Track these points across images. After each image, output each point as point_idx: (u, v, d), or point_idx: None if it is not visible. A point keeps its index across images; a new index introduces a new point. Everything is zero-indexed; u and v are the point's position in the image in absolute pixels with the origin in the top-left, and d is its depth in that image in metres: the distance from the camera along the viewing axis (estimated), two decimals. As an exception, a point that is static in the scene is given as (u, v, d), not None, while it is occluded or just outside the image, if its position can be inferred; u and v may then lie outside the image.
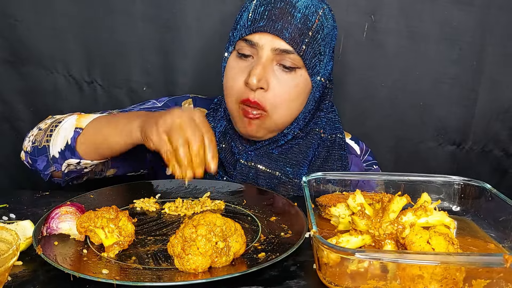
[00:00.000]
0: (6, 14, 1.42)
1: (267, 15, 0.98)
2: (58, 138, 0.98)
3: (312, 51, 1.00)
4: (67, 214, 0.76)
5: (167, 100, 1.20)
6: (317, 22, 1.00)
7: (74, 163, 0.98)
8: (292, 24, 0.97)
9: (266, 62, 0.98)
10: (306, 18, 0.98)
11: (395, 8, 1.38)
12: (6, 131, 1.53)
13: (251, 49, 1.00)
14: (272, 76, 0.99)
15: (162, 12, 1.41)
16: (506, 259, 0.58)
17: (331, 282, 0.64)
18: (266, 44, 0.98)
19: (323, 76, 1.04)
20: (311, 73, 1.01)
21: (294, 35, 0.97)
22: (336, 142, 1.12)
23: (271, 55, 0.98)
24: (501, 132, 1.46)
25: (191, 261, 0.65)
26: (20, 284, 0.64)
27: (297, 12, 0.98)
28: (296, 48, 0.97)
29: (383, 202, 0.73)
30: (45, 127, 1.03)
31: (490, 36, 1.38)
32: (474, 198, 0.85)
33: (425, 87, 1.44)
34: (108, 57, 1.46)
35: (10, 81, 1.49)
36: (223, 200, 0.92)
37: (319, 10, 1.01)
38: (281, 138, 1.07)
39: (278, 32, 0.96)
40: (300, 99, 1.03)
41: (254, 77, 0.96)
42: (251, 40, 0.99)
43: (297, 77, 1.00)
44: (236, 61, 1.03)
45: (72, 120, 1.00)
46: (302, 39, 0.98)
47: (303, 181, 0.84)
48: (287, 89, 1.00)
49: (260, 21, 0.98)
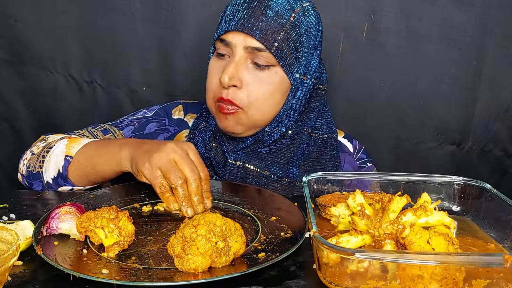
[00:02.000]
0: (5, 14, 1.42)
1: (241, 14, 0.99)
2: (50, 165, 1.00)
3: (287, 48, 1.00)
4: (67, 214, 0.76)
5: (157, 109, 1.21)
6: (291, 19, 1.00)
7: (67, 190, 1.01)
8: (263, 22, 0.98)
9: (239, 61, 1.00)
10: (279, 16, 0.99)
11: (395, 8, 1.38)
12: (6, 131, 1.54)
13: (226, 48, 1.02)
14: (245, 73, 1.00)
15: (162, 12, 1.41)
16: (506, 259, 0.58)
17: (331, 282, 0.64)
18: (238, 43, 0.99)
19: (305, 74, 1.04)
20: (287, 71, 1.01)
21: (266, 33, 0.98)
22: (328, 142, 1.13)
23: (244, 54, 1.00)
24: (501, 132, 1.46)
25: (191, 261, 0.65)
26: (20, 284, 0.64)
27: (270, 11, 0.99)
28: (267, 46, 0.98)
29: (383, 202, 0.73)
30: (37, 152, 1.03)
31: (490, 36, 1.39)
32: (474, 198, 0.85)
33: (425, 87, 1.44)
34: (108, 57, 1.46)
35: (10, 81, 1.49)
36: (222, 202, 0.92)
37: (296, 7, 1.01)
38: (266, 137, 1.07)
39: (249, 30, 0.98)
40: (276, 96, 1.03)
41: (226, 75, 0.99)
42: (225, 39, 1.01)
43: (271, 75, 1.01)
44: (214, 61, 1.05)
45: (62, 146, 1.01)
46: (274, 37, 0.98)
47: (303, 181, 0.84)
48: (261, 86, 1.01)
49: (233, 20, 1.00)
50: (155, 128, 1.17)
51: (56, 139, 1.05)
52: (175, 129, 1.18)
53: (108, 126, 1.15)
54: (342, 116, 1.46)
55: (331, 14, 1.38)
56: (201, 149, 1.10)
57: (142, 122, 1.17)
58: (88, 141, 1.02)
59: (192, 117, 1.20)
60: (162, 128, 1.17)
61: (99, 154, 0.97)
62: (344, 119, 1.47)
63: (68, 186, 1.00)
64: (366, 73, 1.44)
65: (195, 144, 1.11)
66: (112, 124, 1.16)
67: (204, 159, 1.08)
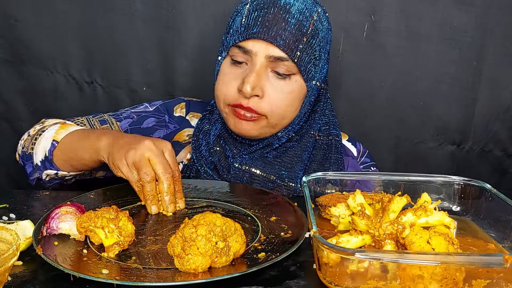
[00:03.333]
0: (6, 14, 1.42)
1: (261, 21, 0.96)
2: (39, 148, 1.01)
3: (307, 56, 0.99)
4: (67, 214, 0.76)
5: (159, 104, 1.19)
6: (311, 27, 0.98)
7: (53, 174, 1.01)
8: (286, 30, 0.95)
9: (260, 69, 0.97)
10: (301, 24, 0.97)
11: (395, 8, 1.38)
12: (6, 131, 1.53)
13: (244, 55, 0.99)
14: (266, 83, 0.98)
15: (162, 12, 1.41)
16: (506, 259, 0.58)
17: (331, 282, 0.64)
18: (260, 51, 0.96)
19: (319, 80, 1.04)
20: (306, 78, 1.00)
21: (289, 42, 0.96)
22: (332, 145, 1.12)
23: (265, 62, 0.97)
24: (501, 132, 1.46)
25: (191, 261, 0.65)
26: (20, 284, 0.64)
27: (291, 18, 0.96)
28: (290, 55, 0.96)
29: (383, 202, 0.73)
30: (33, 133, 1.05)
31: (490, 36, 1.39)
32: (474, 198, 0.85)
33: (425, 87, 1.44)
34: (108, 57, 1.46)
35: (10, 81, 1.49)
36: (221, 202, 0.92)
37: (314, 14, 1.00)
38: (275, 141, 1.06)
39: (272, 39, 0.95)
40: (296, 104, 1.02)
41: (248, 85, 0.96)
42: (245, 47, 0.98)
43: (292, 83, 0.99)
44: (229, 67, 1.02)
45: (53, 131, 1.01)
46: (297, 46, 0.96)
47: (303, 181, 0.84)
48: (282, 95, 0.99)
49: (253, 27, 0.96)
50: (153, 123, 1.15)
51: (51, 123, 1.06)
52: (175, 126, 1.17)
53: (107, 116, 1.14)
54: (342, 116, 1.46)
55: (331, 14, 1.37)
56: (205, 153, 1.09)
57: (140, 116, 1.16)
58: (76, 128, 1.02)
59: (194, 116, 1.18)
60: (160, 124, 1.16)
61: (81, 141, 0.97)
62: (344, 119, 1.47)
63: (53, 170, 1.01)
64: (366, 73, 1.44)
65: (199, 147, 1.10)
66: (111, 115, 1.15)
67: (208, 162, 1.07)
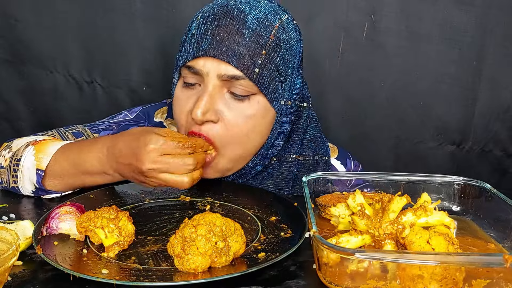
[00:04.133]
0: (6, 14, 1.42)
1: (210, 35, 0.85)
2: (24, 181, 0.91)
3: (269, 73, 0.87)
4: (67, 214, 0.76)
5: (139, 110, 1.11)
6: (272, 38, 0.87)
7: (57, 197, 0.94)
8: (240, 44, 0.84)
9: (213, 91, 0.86)
10: (258, 35, 0.85)
11: (395, 8, 1.38)
12: (6, 131, 1.54)
13: (195, 76, 0.88)
14: (222, 105, 0.87)
15: (162, 12, 1.41)
16: (506, 259, 0.57)
17: (331, 282, 0.64)
18: (211, 71, 0.85)
19: (289, 99, 0.92)
20: (271, 98, 0.89)
21: (243, 57, 0.84)
22: (319, 165, 1.02)
23: (218, 83, 0.86)
24: (501, 132, 1.46)
25: (191, 261, 0.65)
26: (20, 284, 0.64)
27: (246, 29, 0.85)
28: (246, 73, 0.85)
29: (383, 202, 0.73)
30: (6, 165, 0.93)
31: (490, 36, 1.39)
32: (474, 198, 0.85)
33: (425, 87, 1.44)
34: (108, 57, 1.46)
35: (10, 81, 1.49)
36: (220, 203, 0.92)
37: (276, 22, 0.88)
38: (249, 172, 0.97)
39: (223, 55, 0.84)
40: (260, 129, 0.91)
41: (199, 110, 0.85)
42: (194, 67, 0.87)
43: (253, 105, 0.88)
44: (181, 90, 0.91)
45: (31, 157, 0.90)
46: (254, 61, 0.85)
47: (303, 181, 0.84)
48: (241, 120, 0.87)
49: (202, 43, 0.86)
50: None
51: (21, 146, 0.93)
52: None
53: (82, 128, 1.05)
54: (342, 116, 1.46)
55: (331, 14, 1.38)
56: None
57: (121, 126, 1.06)
58: (55, 147, 0.90)
59: (171, 122, 1.08)
60: None
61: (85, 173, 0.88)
62: (344, 119, 1.47)
63: (54, 194, 0.93)
64: (366, 73, 1.44)
65: None
66: (87, 126, 1.06)
67: None
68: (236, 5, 0.88)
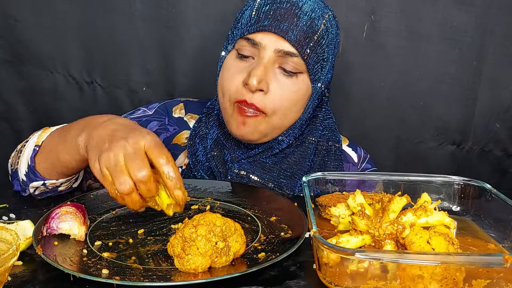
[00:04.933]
0: (6, 14, 1.42)
1: (272, 14, 0.94)
2: (23, 160, 0.90)
3: (316, 56, 0.97)
4: (67, 214, 0.76)
5: (157, 106, 1.15)
6: (322, 27, 0.97)
7: (40, 185, 0.90)
8: (298, 26, 0.94)
9: (267, 64, 0.95)
10: (312, 22, 0.95)
11: (395, 8, 1.39)
12: (6, 131, 1.54)
13: (252, 49, 0.96)
14: (273, 78, 0.95)
15: (162, 12, 1.42)
16: (506, 259, 0.58)
17: (331, 282, 0.64)
18: (269, 45, 0.94)
19: (324, 83, 1.01)
20: (312, 79, 0.98)
21: (300, 38, 0.93)
22: (332, 151, 1.09)
23: (273, 57, 0.95)
24: (501, 132, 1.46)
25: (191, 261, 0.65)
26: (20, 284, 0.64)
27: (303, 14, 0.95)
28: (300, 51, 0.94)
29: (383, 202, 0.73)
30: (19, 148, 0.95)
31: (490, 36, 1.39)
32: (474, 198, 0.85)
33: (425, 87, 1.44)
34: (108, 57, 1.46)
35: (10, 81, 1.49)
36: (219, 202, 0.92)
37: (325, 14, 0.98)
38: (275, 146, 1.03)
39: (283, 33, 0.93)
40: (299, 105, 1.00)
41: (255, 77, 0.92)
42: (254, 39, 0.95)
43: (298, 82, 0.97)
44: (235, 61, 0.99)
45: (35, 137, 0.91)
46: (307, 43, 0.94)
47: (303, 181, 0.84)
48: (287, 93, 0.96)
49: (264, 20, 0.94)
50: (156, 127, 1.12)
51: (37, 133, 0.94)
52: (175, 128, 1.14)
53: None
54: (342, 116, 1.46)
55: (331, 14, 1.38)
56: (202, 158, 1.05)
57: (142, 121, 1.11)
58: (56, 127, 0.91)
59: (192, 117, 1.15)
60: (162, 128, 1.13)
61: (60, 141, 0.85)
62: (344, 119, 1.47)
63: (38, 181, 0.89)
64: (366, 73, 1.44)
65: (195, 152, 1.06)
66: None
67: (204, 168, 1.05)
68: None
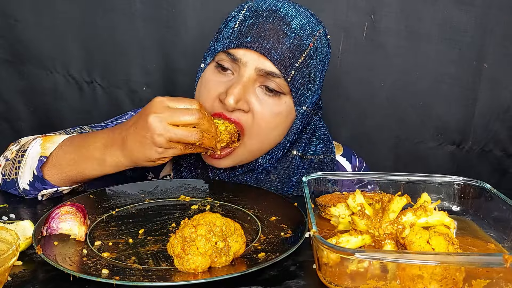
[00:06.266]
0: (6, 14, 1.42)
1: (256, 29, 0.88)
2: (25, 170, 0.90)
3: (302, 78, 0.90)
4: (67, 214, 0.76)
5: None
6: (311, 46, 0.90)
7: (51, 193, 0.92)
8: (283, 44, 0.87)
9: (247, 82, 0.88)
10: (300, 40, 0.89)
11: (395, 8, 1.39)
12: (6, 131, 1.54)
13: (232, 63, 0.90)
14: (253, 98, 0.89)
15: (162, 12, 1.42)
16: (506, 259, 0.58)
17: (331, 282, 0.64)
18: (250, 62, 0.88)
19: (309, 106, 0.95)
20: (296, 101, 0.92)
21: (284, 57, 0.87)
22: (324, 163, 1.04)
23: (253, 75, 0.88)
24: (501, 132, 1.46)
25: (191, 261, 0.65)
26: (20, 284, 0.64)
27: (291, 32, 0.88)
28: (284, 72, 0.88)
29: (383, 202, 0.73)
30: (12, 157, 0.93)
31: (490, 36, 1.39)
32: (474, 198, 0.85)
33: (425, 87, 1.44)
34: (108, 57, 1.46)
35: (10, 81, 1.49)
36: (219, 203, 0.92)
37: (316, 32, 0.92)
38: (258, 168, 0.99)
39: (266, 51, 0.86)
40: (280, 129, 0.94)
41: (232, 96, 0.86)
42: (234, 55, 0.89)
43: (281, 103, 0.91)
44: (213, 73, 0.93)
45: (37, 147, 0.90)
46: (292, 63, 0.88)
47: (303, 181, 0.84)
48: (269, 115, 0.90)
49: (247, 36, 0.88)
50: None
51: (29, 139, 0.94)
52: None
53: (89, 128, 1.05)
54: (342, 116, 1.46)
55: (331, 14, 1.38)
56: (187, 175, 1.03)
57: None
58: (63, 138, 0.91)
59: None
60: None
61: (84, 159, 0.87)
62: (344, 119, 1.47)
63: (49, 189, 0.90)
64: (366, 73, 1.44)
65: (180, 169, 1.03)
66: (93, 127, 1.06)
67: None
68: (284, 7, 0.92)
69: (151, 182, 1.01)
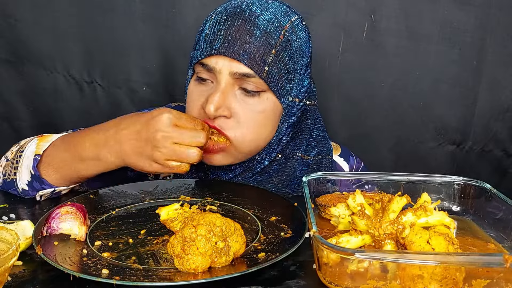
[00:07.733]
0: (5, 14, 1.42)
1: (223, 34, 0.89)
2: (23, 170, 0.91)
3: (278, 71, 0.91)
4: (67, 214, 0.76)
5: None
6: (281, 38, 0.90)
7: (49, 193, 0.93)
8: (251, 44, 0.88)
9: (225, 88, 0.90)
10: (268, 35, 0.90)
11: (395, 8, 1.38)
12: (6, 131, 1.54)
13: (208, 73, 0.92)
14: (233, 101, 0.91)
15: (162, 12, 1.42)
16: (506, 259, 0.58)
17: (331, 282, 0.64)
18: (223, 68, 0.89)
19: (297, 96, 0.96)
20: (279, 95, 0.93)
21: (254, 56, 0.88)
22: (322, 164, 1.05)
23: (230, 80, 0.90)
24: (501, 132, 1.46)
25: (191, 261, 0.65)
26: (20, 284, 0.64)
27: (257, 30, 0.89)
28: (257, 71, 0.89)
29: (383, 202, 0.73)
30: (11, 157, 0.95)
31: (490, 36, 1.39)
32: (474, 198, 0.85)
33: (425, 87, 1.44)
34: (108, 57, 1.46)
35: (10, 81, 1.49)
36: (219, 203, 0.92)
37: (285, 23, 0.92)
38: (256, 165, 1.00)
39: (234, 54, 0.88)
40: (270, 124, 0.95)
41: (212, 105, 0.88)
42: (208, 65, 0.91)
43: (262, 101, 0.92)
44: (195, 85, 0.96)
45: (33, 146, 0.92)
46: (264, 60, 0.89)
47: (303, 181, 0.84)
48: (252, 114, 0.92)
49: (216, 42, 0.90)
50: None
51: (29, 140, 0.96)
52: None
53: None
54: (342, 116, 1.46)
55: (331, 14, 1.38)
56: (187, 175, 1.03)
57: None
58: (57, 137, 0.93)
59: None
60: None
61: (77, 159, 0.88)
62: (344, 119, 1.47)
63: (48, 189, 0.91)
64: (366, 73, 1.44)
65: None
66: None
67: None
68: (248, 6, 0.92)
69: (151, 182, 1.01)
